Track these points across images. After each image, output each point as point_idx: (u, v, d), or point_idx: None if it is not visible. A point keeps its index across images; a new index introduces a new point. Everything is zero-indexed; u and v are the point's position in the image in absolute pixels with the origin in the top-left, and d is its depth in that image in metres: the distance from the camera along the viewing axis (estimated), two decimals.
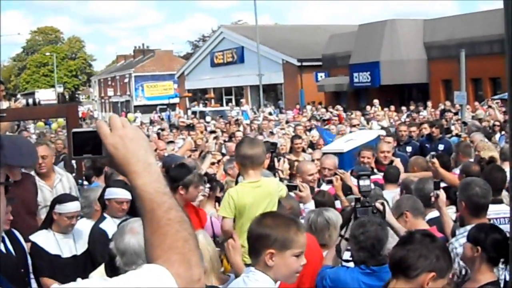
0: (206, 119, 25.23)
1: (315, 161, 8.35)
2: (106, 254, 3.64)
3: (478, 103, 22.59)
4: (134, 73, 67.23)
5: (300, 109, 30.80)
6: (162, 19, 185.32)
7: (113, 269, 3.41)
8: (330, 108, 27.09)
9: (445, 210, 5.17)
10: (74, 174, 7.42)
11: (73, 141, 1.67)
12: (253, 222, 3.27)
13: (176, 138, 14.97)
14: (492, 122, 14.04)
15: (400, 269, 3.10)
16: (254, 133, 15.53)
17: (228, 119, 22.80)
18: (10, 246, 4.83)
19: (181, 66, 57.65)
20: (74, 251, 5.25)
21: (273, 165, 7.75)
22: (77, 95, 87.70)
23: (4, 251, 4.72)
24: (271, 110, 32.77)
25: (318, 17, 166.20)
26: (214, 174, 7.59)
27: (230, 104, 40.83)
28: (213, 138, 13.15)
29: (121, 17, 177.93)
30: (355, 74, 33.98)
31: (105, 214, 5.36)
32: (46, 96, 52.63)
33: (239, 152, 4.88)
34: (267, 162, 7.18)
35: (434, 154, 7.45)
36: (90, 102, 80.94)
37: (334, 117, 19.59)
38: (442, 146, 10.85)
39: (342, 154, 8.83)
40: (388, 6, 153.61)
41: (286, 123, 18.38)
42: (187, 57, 65.22)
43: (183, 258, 1.54)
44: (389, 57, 32.10)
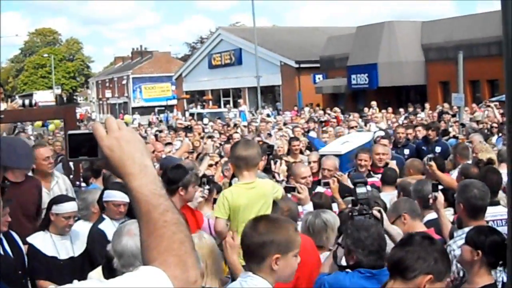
0: (203, 121, 25.23)
1: (311, 163, 8.33)
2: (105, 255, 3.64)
3: (476, 105, 22.59)
4: (132, 74, 67.23)
5: (298, 111, 30.81)
6: (160, 21, 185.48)
7: (110, 271, 3.41)
8: (328, 110, 27.09)
9: (443, 212, 5.18)
10: (72, 176, 7.42)
11: (68, 143, 1.67)
12: (248, 229, 3.23)
13: (173, 140, 14.96)
14: (490, 124, 14.01)
15: (398, 270, 3.09)
16: (252, 135, 15.53)
17: (226, 121, 22.83)
18: (7, 248, 4.82)
19: (179, 67, 57.62)
20: (71, 253, 5.23)
21: (269, 167, 7.74)
22: (75, 97, 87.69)
23: (1, 253, 4.72)
24: (269, 112, 32.78)
25: (316, 18, 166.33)
26: (211, 176, 7.59)
27: (228, 105, 40.84)
28: (210, 140, 13.15)
29: (119, 18, 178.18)
30: (353, 76, 33.97)
31: (104, 215, 5.35)
32: (44, 97, 52.69)
33: (234, 153, 4.89)
34: (263, 164, 7.18)
35: (431, 157, 7.43)
36: (88, 103, 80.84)
37: (332, 119, 19.57)
38: (439, 149, 10.72)
39: (340, 156, 8.79)
40: (386, 8, 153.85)
41: (284, 125, 18.37)
42: (185, 58, 65.22)
43: (180, 260, 1.54)
44: (387, 59, 32.12)
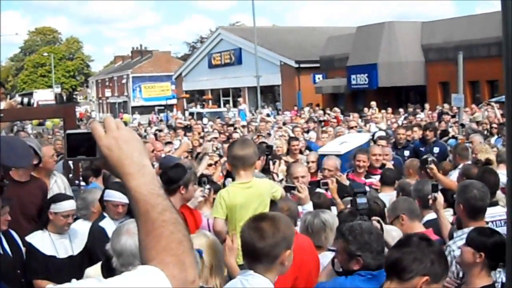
0: (203, 121, 25.23)
1: (310, 163, 8.32)
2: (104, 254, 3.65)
3: (475, 106, 22.58)
4: (131, 74, 67.19)
5: (297, 110, 30.80)
6: (160, 20, 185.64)
7: (109, 270, 3.41)
8: (327, 110, 27.08)
9: (442, 213, 5.18)
10: (71, 175, 7.41)
11: (67, 142, 1.68)
12: (254, 233, 3.19)
13: (173, 139, 14.96)
14: (489, 125, 13.97)
15: (394, 271, 3.08)
16: (251, 134, 15.53)
17: (225, 121, 22.83)
18: (6, 247, 4.82)
19: (178, 67, 57.57)
20: (70, 252, 5.22)
21: (268, 168, 7.73)
22: (74, 96, 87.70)
23: (1, 252, 4.72)
24: (269, 111, 32.77)
25: (316, 18, 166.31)
26: (210, 175, 7.57)
27: (227, 105, 40.82)
28: (210, 140, 13.13)
29: (119, 18, 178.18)
30: (353, 76, 33.95)
31: (104, 213, 5.34)
32: (44, 96, 52.61)
33: (230, 153, 4.91)
34: (259, 163, 7.14)
35: (430, 159, 7.29)
36: (87, 102, 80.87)
37: (332, 119, 19.58)
38: (437, 149, 10.64)
39: (339, 156, 8.78)
40: (386, 8, 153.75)
41: (284, 125, 18.36)
42: (185, 58, 65.20)
43: (178, 259, 1.54)
44: (387, 59, 32.11)
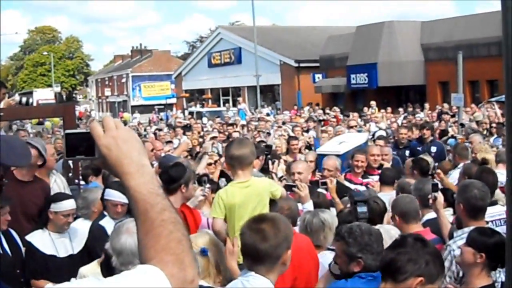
0: (203, 120, 25.23)
1: (308, 162, 8.32)
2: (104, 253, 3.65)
3: (475, 105, 22.58)
4: (131, 73, 67.15)
5: (297, 110, 30.81)
6: (160, 20, 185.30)
7: (109, 269, 3.41)
8: (327, 109, 27.09)
9: (442, 212, 5.17)
10: (71, 174, 7.41)
11: (66, 142, 1.68)
12: (256, 235, 3.16)
13: (172, 138, 14.96)
14: (489, 124, 13.96)
15: (389, 271, 3.07)
16: (251, 134, 15.53)
17: (225, 120, 22.82)
18: (6, 246, 4.82)
19: (178, 66, 57.58)
20: (70, 251, 5.22)
21: (267, 167, 7.72)
22: (74, 95, 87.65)
23: (0, 251, 4.71)
24: (268, 111, 32.77)
25: (316, 18, 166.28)
26: (208, 174, 7.56)
27: (227, 104, 40.81)
28: (209, 139, 13.12)
29: (119, 17, 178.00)
30: (353, 76, 33.96)
31: (105, 212, 5.34)
32: (44, 95, 52.51)
33: (227, 153, 4.93)
34: (258, 163, 7.13)
35: (436, 166, 7.13)
36: (87, 102, 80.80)
37: (331, 118, 19.59)
38: (434, 148, 10.59)
39: (338, 156, 8.78)
40: (385, 7, 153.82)
41: (283, 124, 18.37)
42: (185, 57, 65.19)
43: (177, 258, 1.53)
44: (386, 58, 32.11)
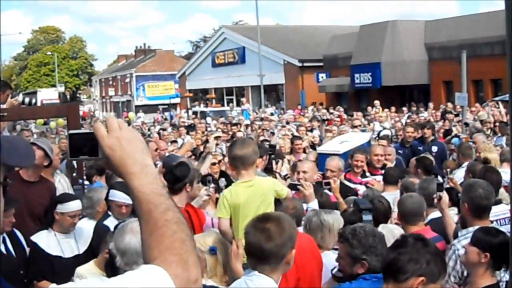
0: (207, 120, 25.24)
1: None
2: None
3: (479, 105, 22.54)
4: (135, 73, 67.21)
5: (301, 109, 30.80)
6: (163, 19, 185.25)
7: (113, 269, 3.42)
8: (331, 109, 27.08)
9: (447, 212, 5.16)
10: (75, 174, 7.42)
11: (69, 142, 1.68)
12: (260, 235, 3.16)
13: (176, 138, 14.98)
14: (493, 124, 13.92)
15: (390, 272, 3.06)
16: (255, 133, 15.53)
17: (229, 120, 22.84)
18: (10, 247, 4.83)
19: (182, 66, 57.57)
20: (76, 251, 5.21)
21: (271, 167, 7.71)
22: (78, 95, 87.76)
23: (4, 252, 4.72)
24: (272, 110, 32.76)
25: (320, 17, 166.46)
26: (213, 174, 7.56)
27: (231, 104, 40.81)
28: (213, 139, 13.10)
29: (122, 17, 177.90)
30: (356, 75, 33.93)
31: (109, 212, 5.34)
32: (48, 95, 52.68)
33: (230, 153, 4.95)
34: (262, 162, 7.11)
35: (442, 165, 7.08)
36: (91, 101, 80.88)
37: (335, 118, 19.59)
38: (435, 148, 10.54)
39: (338, 155, 8.77)
40: (389, 7, 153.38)
41: (287, 124, 18.37)
42: (188, 57, 65.15)
43: (181, 259, 1.53)
44: (390, 58, 32.06)
